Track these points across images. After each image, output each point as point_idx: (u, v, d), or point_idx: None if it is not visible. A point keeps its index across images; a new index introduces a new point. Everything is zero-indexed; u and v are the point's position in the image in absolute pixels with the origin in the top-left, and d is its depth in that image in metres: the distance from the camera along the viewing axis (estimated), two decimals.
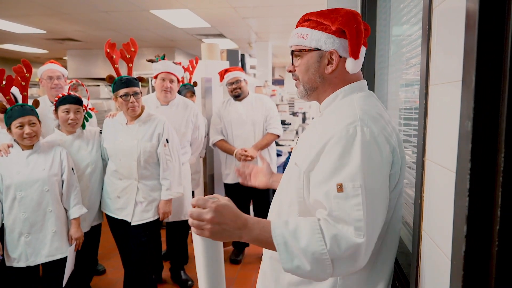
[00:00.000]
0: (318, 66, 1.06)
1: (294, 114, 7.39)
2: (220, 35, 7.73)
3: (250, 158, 3.16)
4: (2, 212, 2.14)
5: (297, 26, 1.11)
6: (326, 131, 0.97)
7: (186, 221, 3.00)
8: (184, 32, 7.35)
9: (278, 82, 12.59)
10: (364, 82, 1.10)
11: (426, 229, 0.86)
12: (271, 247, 0.90)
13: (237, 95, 3.25)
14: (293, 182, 1.04)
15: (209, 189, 3.66)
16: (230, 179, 3.35)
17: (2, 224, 2.15)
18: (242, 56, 4.97)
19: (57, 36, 7.90)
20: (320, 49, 1.05)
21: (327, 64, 1.05)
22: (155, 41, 8.37)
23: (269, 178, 1.40)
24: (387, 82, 1.87)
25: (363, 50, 1.06)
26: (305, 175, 0.98)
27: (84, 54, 10.06)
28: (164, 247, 3.32)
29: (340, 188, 0.88)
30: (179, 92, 3.21)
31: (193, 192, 3.22)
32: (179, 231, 3.03)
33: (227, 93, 3.77)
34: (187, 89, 3.30)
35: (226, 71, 3.30)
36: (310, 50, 1.06)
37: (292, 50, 1.11)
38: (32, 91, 6.61)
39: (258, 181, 1.43)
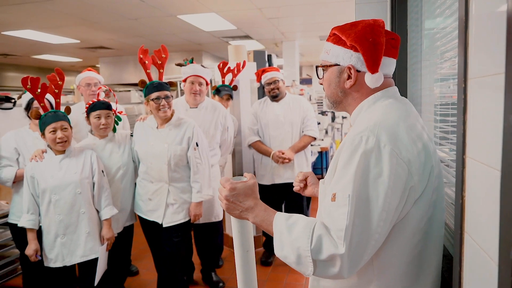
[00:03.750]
0: (339, 81, 1.08)
1: (323, 113, 7.30)
2: (247, 37, 7.76)
3: (287, 160, 3.13)
4: (40, 215, 2.23)
5: (326, 40, 1.12)
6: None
7: (217, 222, 3.02)
8: (211, 35, 7.43)
9: (306, 81, 12.49)
10: (391, 90, 1.08)
11: (469, 231, 0.82)
12: (270, 233, 1.01)
13: (275, 95, 3.24)
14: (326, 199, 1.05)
15: None
16: (266, 180, 3.33)
17: (40, 226, 2.24)
18: (269, 56, 4.95)
19: (90, 44, 8.18)
20: (339, 64, 1.07)
21: (347, 79, 1.07)
22: (182, 45, 8.50)
23: (314, 187, 1.40)
24: (421, 77, 1.80)
25: (388, 61, 1.05)
26: None
27: (116, 61, 10.37)
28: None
29: (333, 197, 0.91)
30: (219, 91, 3.23)
31: None
32: (210, 233, 3.05)
33: (255, 93, 3.77)
34: (226, 91, 3.25)
35: (263, 71, 3.29)
36: (331, 65, 1.08)
37: (317, 65, 1.14)
38: (67, 98, 6.87)
39: (305, 190, 1.45)
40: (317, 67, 1.15)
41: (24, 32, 6.56)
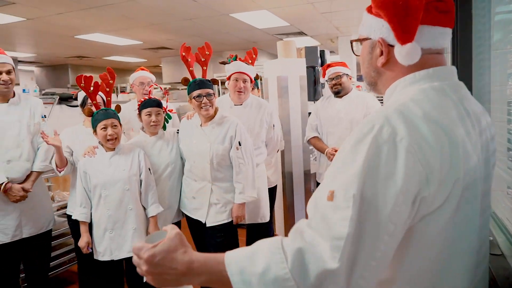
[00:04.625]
0: (371, 57, 0.87)
1: None
2: (301, 33, 7.53)
3: None
4: (91, 209, 2.26)
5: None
6: None
7: (265, 224, 2.89)
8: (264, 33, 7.31)
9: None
10: (440, 70, 0.81)
11: None
12: (228, 285, 0.70)
13: (337, 91, 3.02)
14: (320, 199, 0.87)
15: (287, 187, 3.51)
16: (322, 179, 3.16)
17: (91, 220, 2.26)
18: (322, 52, 4.70)
19: (152, 45, 8.47)
20: (370, 38, 0.85)
21: (379, 55, 0.84)
22: (237, 44, 8.48)
23: None
24: (489, 70, 1.51)
25: (432, 31, 0.79)
26: None
27: (176, 61, 10.66)
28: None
29: (331, 195, 0.69)
30: None
31: (272, 189, 3.10)
32: (258, 234, 2.94)
33: (305, 91, 3.58)
34: None
35: (328, 66, 3.09)
36: (364, 39, 0.87)
37: (351, 39, 0.94)
38: (130, 96, 7.14)
39: None
40: (351, 41, 0.94)
41: (93, 35, 6.94)
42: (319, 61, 4.43)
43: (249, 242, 3.03)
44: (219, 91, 6.07)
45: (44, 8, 4.84)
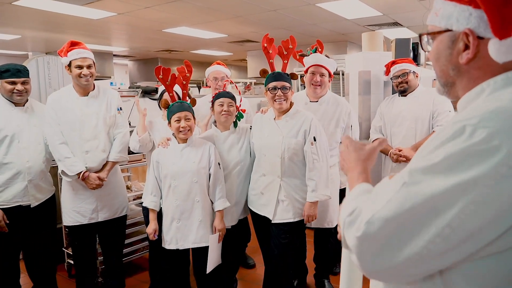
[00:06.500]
0: (450, 53, 0.77)
1: None
2: (395, 24, 7.14)
3: (404, 159, 2.83)
4: (161, 198, 2.46)
5: None
6: None
7: (330, 229, 2.85)
8: (355, 24, 7.08)
9: None
10: None
11: None
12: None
13: (403, 90, 2.95)
14: None
15: None
16: None
17: (161, 208, 2.47)
18: (415, 45, 4.42)
19: (237, 38, 8.76)
20: (451, 30, 0.76)
21: (463, 50, 0.75)
22: (325, 36, 8.35)
23: None
24: None
25: None
26: None
27: (261, 55, 10.59)
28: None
29: (392, 176, 0.77)
30: None
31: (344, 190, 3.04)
32: (323, 238, 2.91)
33: (389, 88, 3.42)
34: None
35: (393, 63, 3.01)
36: (440, 31, 0.78)
37: (420, 33, 0.85)
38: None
39: None
40: (420, 35, 0.84)
41: (180, 29, 7.42)
42: (411, 54, 4.17)
43: (316, 245, 3.01)
44: (297, 86, 6.08)
45: (133, 2, 5.33)
